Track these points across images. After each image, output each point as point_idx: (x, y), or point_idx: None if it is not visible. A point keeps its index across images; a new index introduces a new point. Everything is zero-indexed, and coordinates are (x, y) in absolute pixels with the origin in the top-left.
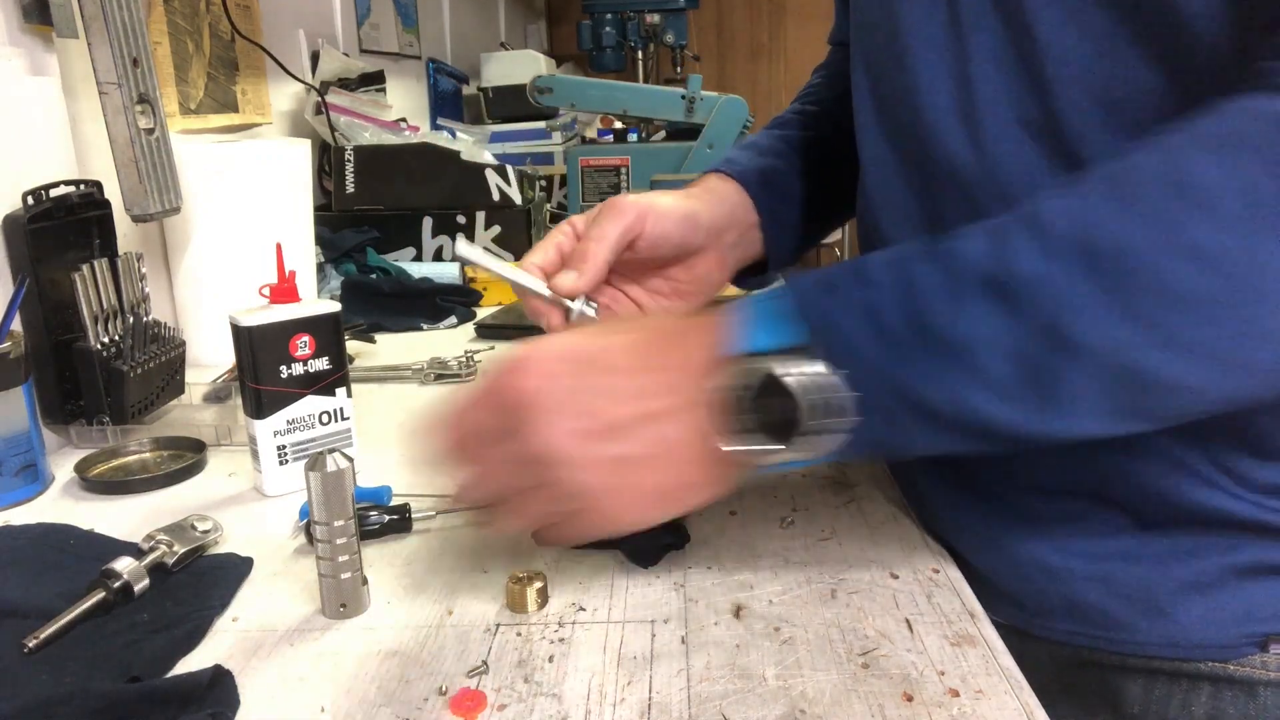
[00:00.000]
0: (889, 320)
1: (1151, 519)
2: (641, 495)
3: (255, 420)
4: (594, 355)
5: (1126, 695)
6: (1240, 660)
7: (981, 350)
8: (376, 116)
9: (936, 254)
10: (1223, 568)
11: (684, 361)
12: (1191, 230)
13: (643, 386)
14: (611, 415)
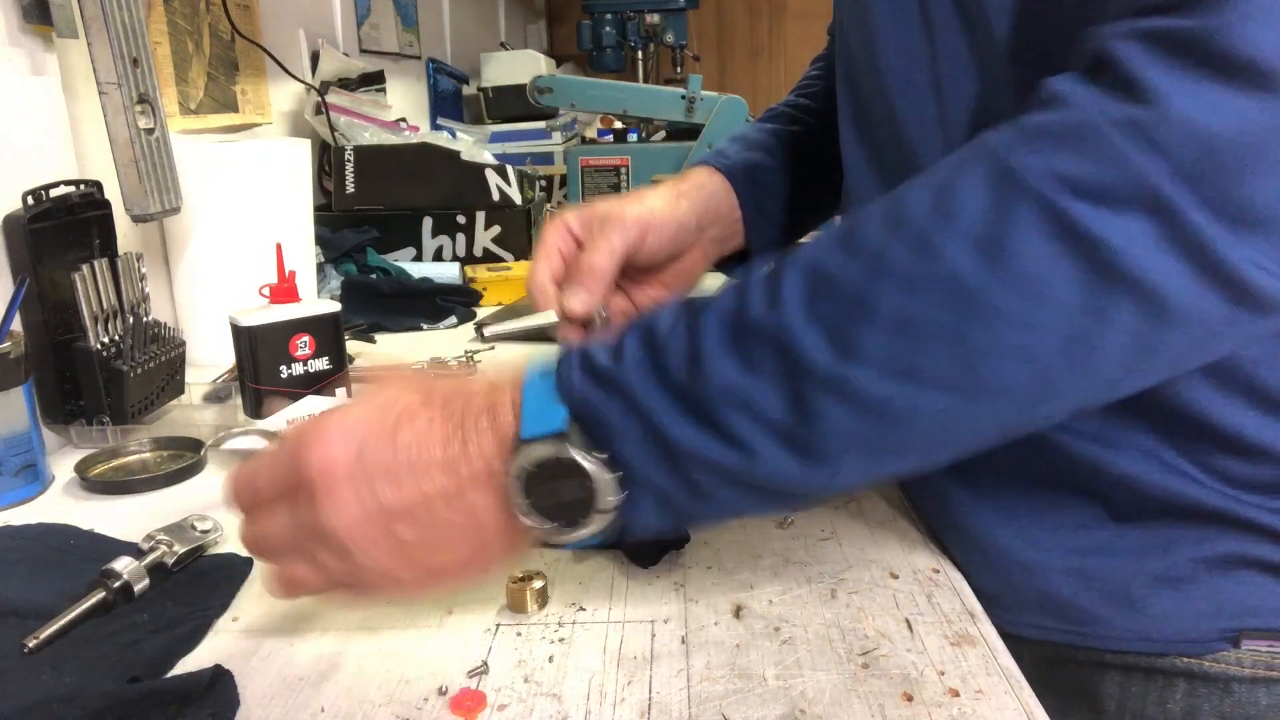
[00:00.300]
0: (646, 397)
1: (1125, 511)
2: (435, 570)
3: (255, 420)
4: (383, 431)
5: (1103, 692)
6: (1214, 656)
7: (735, 411)
8: (376, 116)
9: (686, 314)
10: (1194, 561)
11: (470, 443)
12: (899, 256)
13: (425, 468)
14: (391, 499)
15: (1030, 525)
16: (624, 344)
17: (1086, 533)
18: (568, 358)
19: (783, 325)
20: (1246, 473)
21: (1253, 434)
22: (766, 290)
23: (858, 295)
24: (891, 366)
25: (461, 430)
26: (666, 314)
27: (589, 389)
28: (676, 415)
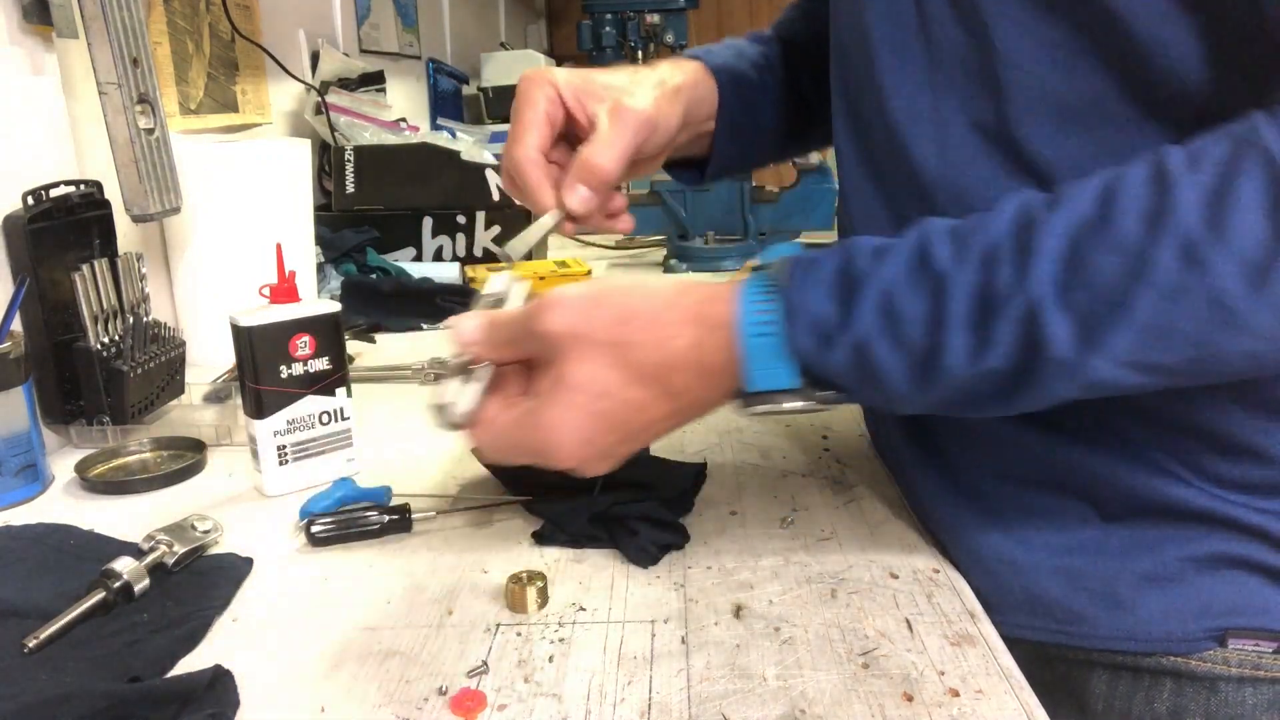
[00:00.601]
0: (880, 364)
1: (1113, 511)
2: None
3: (255, 420)
4: (611, 429)
5: (1091, 691)
6: (1201, 655)
7: (963, 381)
8: (376, 116)
9: (926, 278)
10: (1182, 560)
11: (689, 397)
12: (1165, 264)
13: (650, 426)
14: (620, 450)
15: (1019, 525)
16: (859, 304)
17: (1074, 532)
18: (791, 318)
19: (1032, 308)
20: (1234, 473)
21: (1241, 435)
22: (1016, 265)
23: (1115, 296)
24: (1130, 360)
25: (682, 395)
26: (901, 270)
27: (818, 351)
28: (906, 379)
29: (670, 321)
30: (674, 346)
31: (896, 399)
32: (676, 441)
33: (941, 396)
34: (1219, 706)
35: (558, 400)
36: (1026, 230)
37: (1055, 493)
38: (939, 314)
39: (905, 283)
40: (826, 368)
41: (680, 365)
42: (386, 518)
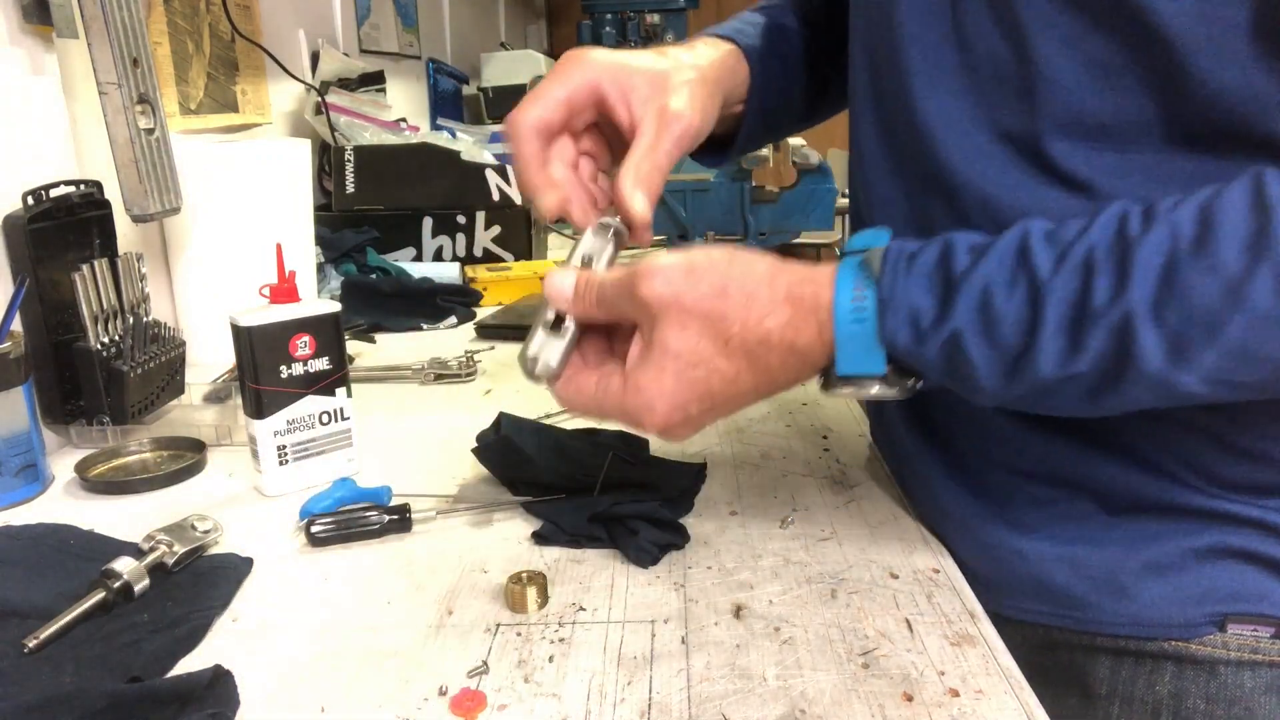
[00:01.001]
0: (974, 362)
1: (1115, 506)
2: (725, 415)
3: (255, 420)
4: (703, 398)
5: (1094, 676)
6: (1201, 640)
7: (1052, 384)
8: (376, 116)
9: (1026, 280)
10: (1183, 551)
11: (778, 373)
12: (1263, 293)
13: (739, 397)
14: (707, 418)
15: (1024, 515)
16: (956, 302)
17: (1078, 524)
18: (891, 308)
19: (1126, 322)
20: (1236, 475)
21: (1244, 440)
22: (1114, 278)
23: (1209, 319)
24: (1214, 378)
25: (770, 371)
26: (1002, 270)
27: (912, 343)
28: (996, 375)
29: (765, 299)
30: (767, 325)
31: (979, 392)
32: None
33: (1024, 393)
34: (1219, 689)
35: (652, 364)
36: (1125, 245)
37: (1060, 488)
38: (1035, 317)
39: (1004, 283)
40: (917, 359)
41: (772, 343)
42: (386, 518)
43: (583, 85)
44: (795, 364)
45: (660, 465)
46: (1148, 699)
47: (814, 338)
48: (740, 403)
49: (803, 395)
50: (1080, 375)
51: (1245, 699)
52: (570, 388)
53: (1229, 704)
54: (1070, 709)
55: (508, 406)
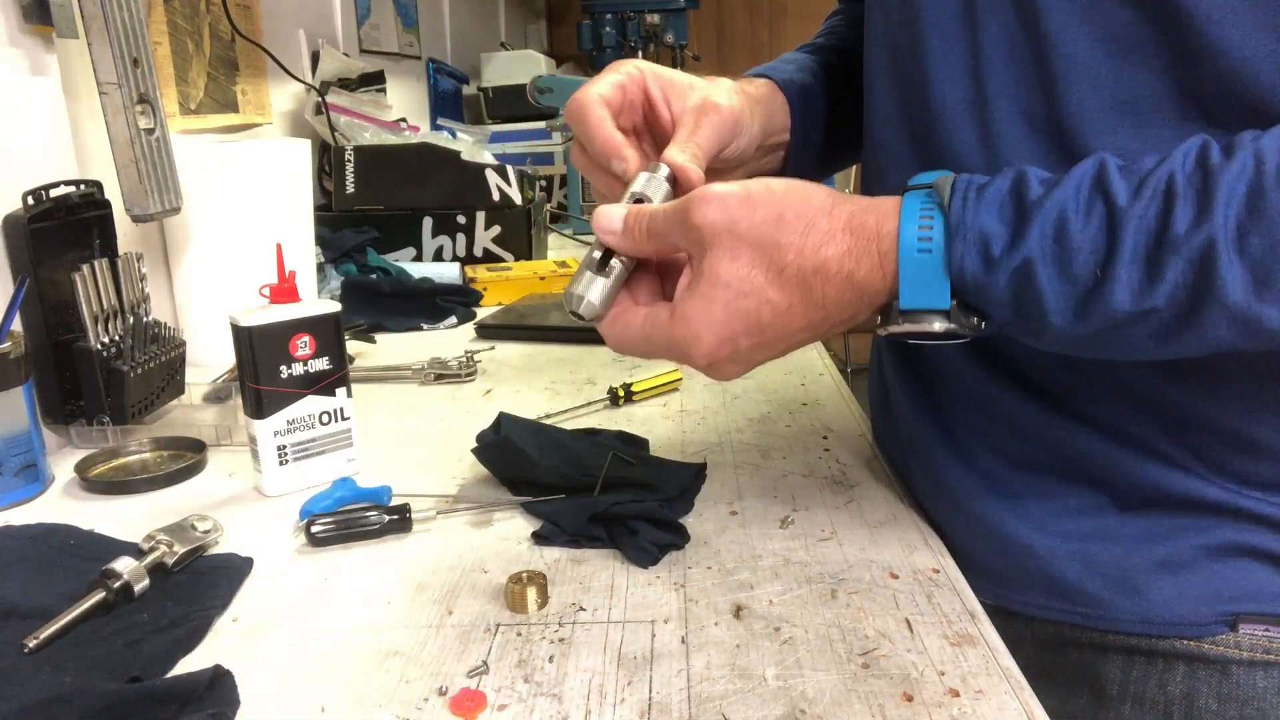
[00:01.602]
0: (1046, 294)
1: (1128, 501)
2: (772, 358)
3: (255, 420)
4: (750, 331)
5: (1105, 676)
6: (1213, 640)
7: (1126, 318)
8: (376, 116)
9: (1103, 207)
10: (1195, 548)
11: (833, 309)
12: None
13: (790, 336)
14: (757, 356)
15: (1036, 511)
16: (1030, 227)
17: (1090, 519)
18: (960, 234)
19: (1207, 250)
20: (1250, 469)
21: (1258, 433)
22: (1195, 205)
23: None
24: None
25: (825, 306)
26: (1079, 197)
27: (981, 274)
28: (1066, 311)
29: (823, 228)
30: (825, 254)
31: (1047, 330)
32: (676, 441)
33: (1093, 333)
34: (1231, 690)
35: (700, 294)
36: (1207, 172)
37: (1072, 481)
38: (1111, 245)
39: (1079, 210)
40: (984, 291)
41: (829, 274)
42: (386, 518)
43: (633, 78)
44: (853, 298)
45: (660, 465)
46: (1159, 699)
47: (875, 268)
48: (791, 340)
49: (803, 395)
50: (1156, 311)
51: (1258, 699)
52: (618, 324)
53: (1241, 704)
54: (1080, 709)
55: (508, 406)
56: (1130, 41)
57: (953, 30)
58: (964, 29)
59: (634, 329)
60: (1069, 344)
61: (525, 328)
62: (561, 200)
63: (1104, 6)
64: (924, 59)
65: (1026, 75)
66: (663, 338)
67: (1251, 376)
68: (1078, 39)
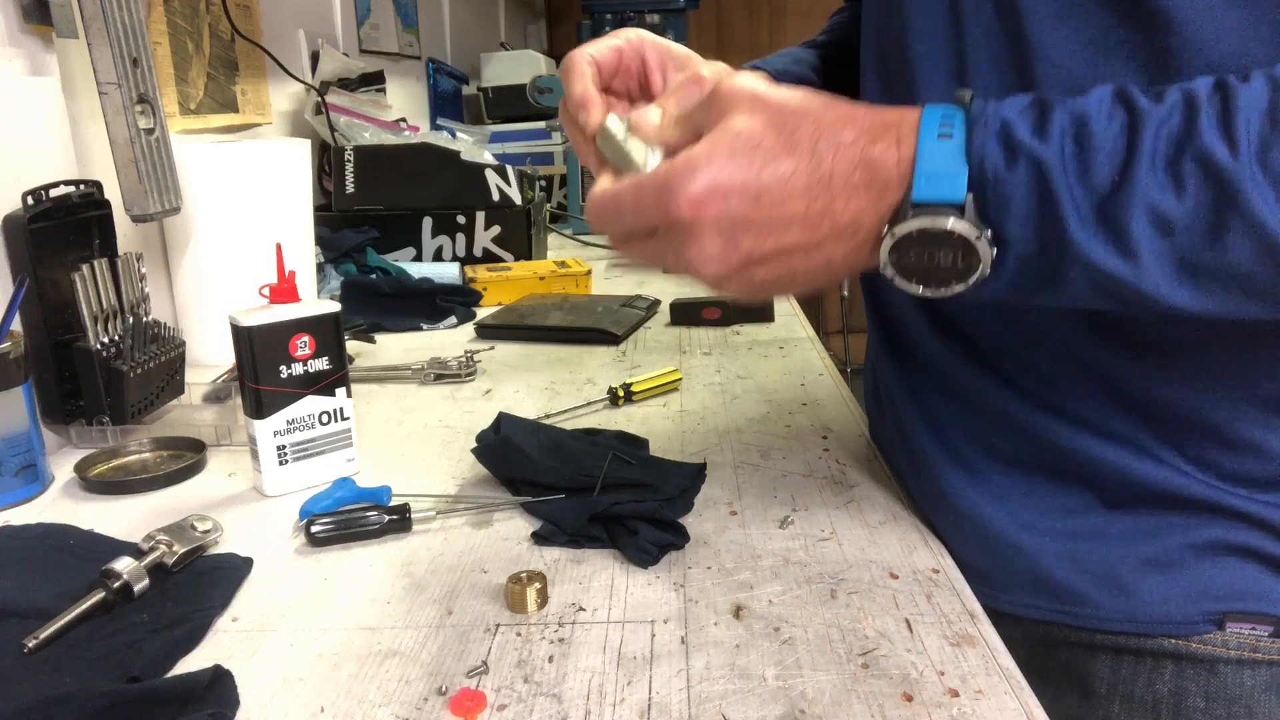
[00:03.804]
0: (1062, 189)
1: (1116, 499)
2: (772, 286)
3: (255, 420)
4: (748, 186)
5: (1094, 675)
6: (1201, 638)
7: (1148, 226)
8: (376, 116)
9: (1125, 111)
10: (1183, 546)
11: (838, 199)
12: None
13: (786, 224)
14: (751, 249)
15: (1024, 509)
16: (1051, 121)
17: (1078, 518)
18: (983, 121)
19: (1233, 167)
20: (1236, 467)
21: (1243, 431)
22: (1220, 122)
23: None
24: None
25: (830, 186)
26: (1101, 104)
27: (1001, 162)
28: (1087, 215)
29: (846, 109)
30: (842, 134)
31: (1062, 240)
32: (676, 441)
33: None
34: (1219, 688)
35: (707, 140)
36: (1226, 90)
37: (1059, 479)
38: (1132, 142)
39: (1101, 115)
40: (1002, 186)
41: (842, 147)
42: (386, 518)
43: (632, 44)
44: (861, 181)
45: (660, 465)
46: (1147, 698)
47: (890, 149)
48: (782, 228)
49: (802, 395)
50: (1186, 224)
51: (1245, 697)
52: (607, 195)
53: (1229, 703)
54: (1070, 708)
55: (508, 406)
56: (1109, 44)
57: (939, 36)
58: (949, 34)
59: (625, 192)
60: (1094, 280)
61: (525, 328)
62: (561, 200)
63: (1083, 9)
64: (911, 63)
65: (1009, 79)
66: (654, 181)
67: (1238, 374)
68: (1056, 41)
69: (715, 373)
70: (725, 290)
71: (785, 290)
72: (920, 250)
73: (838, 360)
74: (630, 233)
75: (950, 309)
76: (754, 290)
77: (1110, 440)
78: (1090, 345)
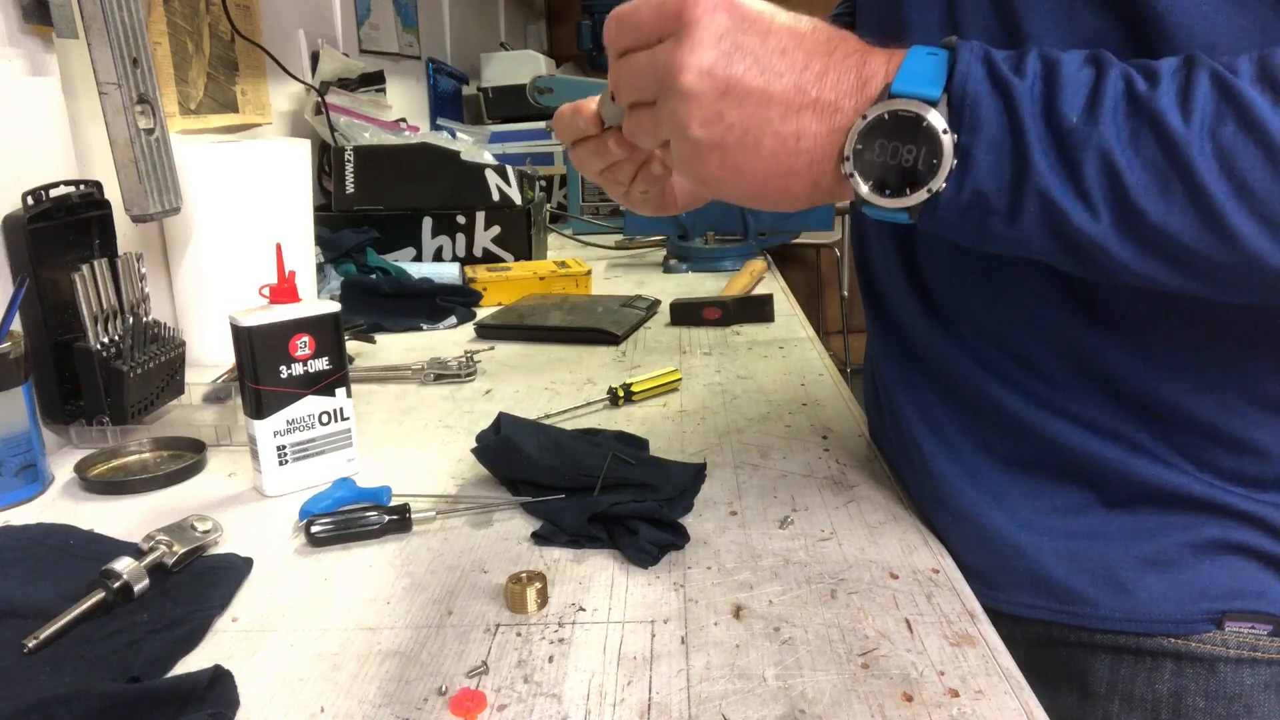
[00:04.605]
0: (1029, 119)
1: (1115, 498)
2: (739, 170)
3: (255, 420)
4: (762, 20)
5: (1093, 674)
6: (1200, 637)
7: (1101, 174)
8: (376, 116)
9: (1095, 65)
10: (1182, 546)
11: (831, 72)
12: None
13: (780, 71)
14: (739, 76)
15: (1022, 509)
16: (1026, 62)
17: (1077, 517)
18: (969, 46)
19: (1184, 136)
20: (1235, 466)
21: (1243, 430)
22: (1180, 92)
23: (1271, 149)
24: (1261, 210)
25: (829, 59)
26: (1075, 58)
27: (980, 83)
28: (1048, 149)
29: (835, 35)
30: (847, 42)
31: (1025, 167)
32: (676, 441)
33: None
34: (1218, 687)
35: None
36: (1194, 65)
37: (1059, 478)
38: (1097, 91)
39: (1074, 62)
40: (978, 106)
41: (845, 43)
42: (386, 518)
43: None
44: (855, 65)
45: (660, 465)
46: (1147, 697)
47: (882, 58)
48: (783, 62)
49: (802, 395)
50: (1135, 179)
51: (1245, 696)
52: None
53: (1228, 701)
54: (1069, 707)
55: (508, 406)
56: (1104, 46)
57: (935, 36)
58: (946, 34)
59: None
60: (1048, 215)
61: (525, 328)
62: (561, 200)
63: (1080, 12)
64: None
65: None
66: None
67: (1236, 373)
68: (1053, 43)
69: (715, 373)
70: (685, 132)
71: (741, 163)
72: (886, 143)
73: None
74: (637, 40)
75: (950, 306)
76: (715, 133)
77: (1110, 439)
78: (1091, 344)
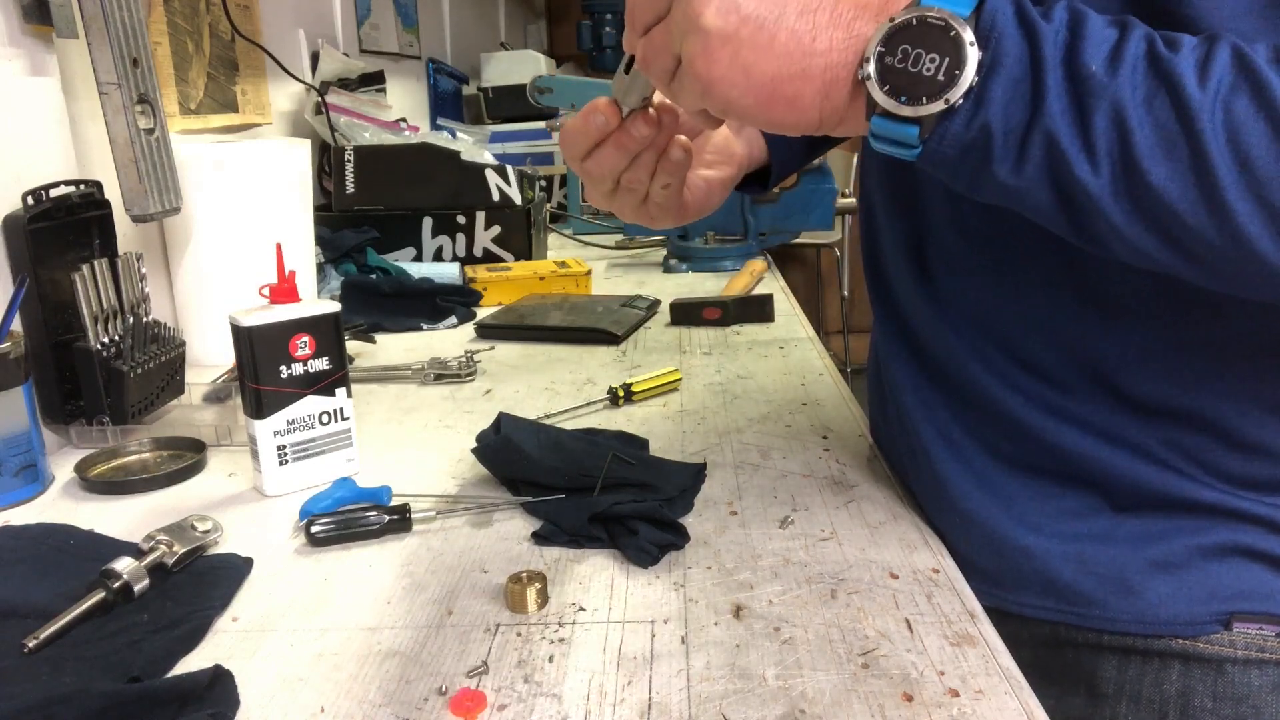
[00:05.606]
0: (1049, 63)
1: (1123, 502)
2: (748, 71)
3: (255, 420)
4: None
5: (1101, 675)
6: (1208, 638)
7: (1111, 126)
8: (376, 116)
9: (1121, 22)
10: (1190, 549)
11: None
12: None
13: None
14: None
15: (1030, 512)
16: (1054, 11)
17: (1085, 521)
18: None
19: (1197, 99)
20: (1244, 470)
21: (1251, 434)
22: (1199, 59)
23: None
24: (1259, 190)
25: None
26: (1102, 16)
27: (1008, 21)
28: (1063, 93)
29: None
30: None
31: (1037, 108)
32: (676, 441)
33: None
34: (1226, 688)
35: None
36: (1216, 40)
37: (1067, 482)
38: (1119, 47)
39: (1100, 19)
40: (1003, 40)
41: None
42: (386, 518)
43: None
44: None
45: (660, 465)
46: (1154, 698)
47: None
48: (788, 23)
49: (803, 395)
50: (1142, 141)
51: (1252, 697)
52: None
53: (1236, 702)
54: (1076, 708)
55: (508, 406)
56: None
57: None
58: None
59: None
60: (1051, 161)
61: (525, 328)
62: (561, 200)
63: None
64: None
65: None
66: None
67: (1243, 377)
68: None
69: (715, 373)
70: (698, 21)
71: (752, 61)
72: (910, 49)
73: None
74: None
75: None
76: (729, 25)
77: (1118, 445)
78: (1099, 348)
